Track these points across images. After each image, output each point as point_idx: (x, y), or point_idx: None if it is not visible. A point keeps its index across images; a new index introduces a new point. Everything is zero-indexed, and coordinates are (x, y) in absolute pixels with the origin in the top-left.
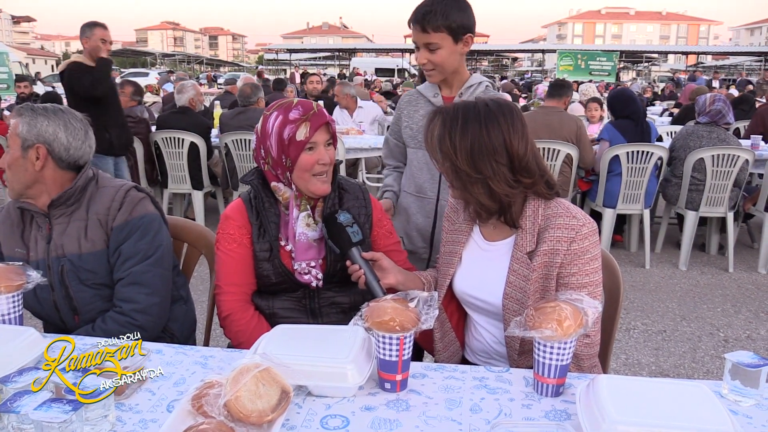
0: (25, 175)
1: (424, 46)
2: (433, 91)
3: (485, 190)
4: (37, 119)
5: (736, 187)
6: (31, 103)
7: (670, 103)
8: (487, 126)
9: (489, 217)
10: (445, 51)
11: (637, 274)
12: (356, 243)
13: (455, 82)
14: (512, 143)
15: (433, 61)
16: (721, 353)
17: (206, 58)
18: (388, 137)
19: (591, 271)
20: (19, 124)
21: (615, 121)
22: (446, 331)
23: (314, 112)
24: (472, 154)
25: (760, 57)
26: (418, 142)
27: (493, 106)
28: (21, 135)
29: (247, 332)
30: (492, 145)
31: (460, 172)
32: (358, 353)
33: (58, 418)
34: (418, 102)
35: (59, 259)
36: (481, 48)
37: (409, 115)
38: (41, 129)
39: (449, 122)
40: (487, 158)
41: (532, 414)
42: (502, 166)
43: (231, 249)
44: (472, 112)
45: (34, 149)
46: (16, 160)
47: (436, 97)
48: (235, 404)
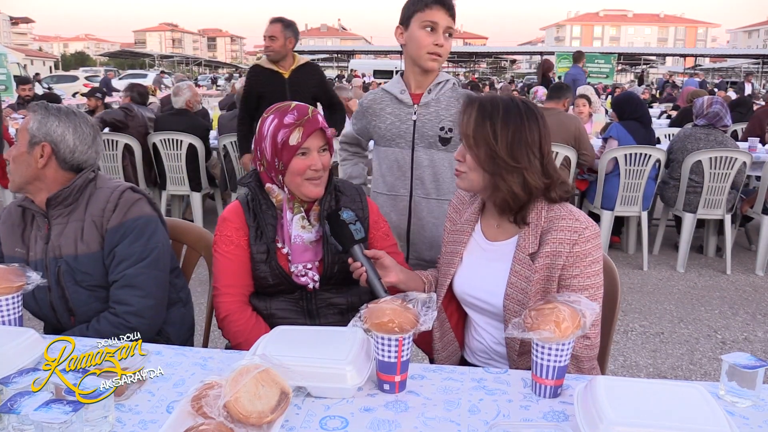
0: (27, 170)
1: (445, 30)
2: (399, 87)
3: (520, 180)
4: (49, 118)
5: (734, 190)
6: (46, 102)
7: (668, 106)
8: (529, 120)
9: (511, 209)
10: (451, 41)
11: (635, 276)
12: (359, 240)
13: (425, 78)
14: (545, 142)
15: (446, 48)
16: (719, 355)
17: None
18: (352, 132)
19: (593, 274)
20: (31, 120)
21: (623, 122)
22: (445, 331)
23: (308, 118)
24: (512, 143)
25: (757, 59)
26: (388, 140)
27: (531, 105)
28: (30, 131)
29: (246, 332)
30: (532, 138)
31: (497, 158)
32: (357, 354)
33: (58, 418)
34: (383, 100)
35: (56, 259)
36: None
37: (376, 114)
38: (50, 128)
39: (490, 110)
40: (526, 150)
41: (530, 415)
42: (536, 160)
43: (228, 251)
44: (512, 104)
45: (39, 147)
46: (22, 155)
47: (404, 93)
48: (234, 405)
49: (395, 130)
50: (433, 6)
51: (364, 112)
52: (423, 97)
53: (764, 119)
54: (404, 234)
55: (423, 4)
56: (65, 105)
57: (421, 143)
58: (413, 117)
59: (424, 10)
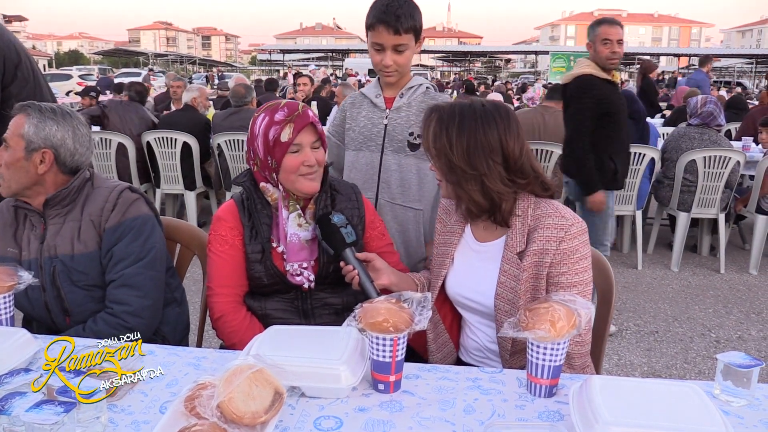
0: (26, 177)
1: (392, 48)
2: (375, 91)
3: (479, 187)
4: (46, 122)
5: (728, 189)
6: (37, 102)
7: (662, 105)
8: (484, 125)
9: (479, 215)
10: (410, 52)
11: (630, 275)
12: (350, 244)
13: (400, 83)
14: (508, 143)
15: (398, 63)
16: (713, 354)
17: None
18: (330, 136)
19: (580, 270)
20: (25, 124)
21: None
22: (440, 333)
23: (298, 113)
24: (468, 150)
25: (751, 59)
26: (359, 144)
27: (489, 107)
28: (27, 136)
29: (240, 332)
30: (488, 143)
31: (455, 167)
32: (352, 354)
33: (49, 419)
34: (361, 104)
35: (51, 259)
36: (474, 49)
37: (352, 117)
38: (50, 133)
39: (446, 119)
40: (483, 156)
41: (525, 415)
42: (497, 165)
43: (223, 251)
44: (468, 110)
45: (39, 153)
46: (18, 161)
47: (378, 97)
48: (228, 405)
49: (367, 133)
50: (378, 27)
51: (344, 115)
52: (395, 102)
53: (758, 119)
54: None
55: (370, 24)
56: (57, 105)
57: (390, 147)
58: (384, 121)
59: (371, 29)
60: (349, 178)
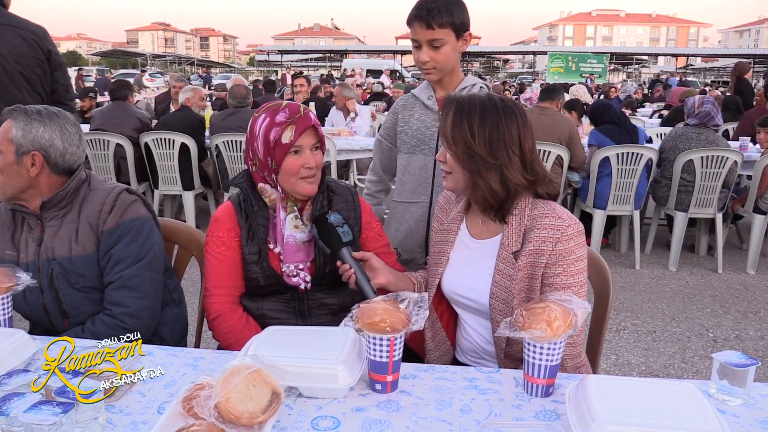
0: (19, 181)
1: (427, 44)
2: (427, 93)
3: (498, 176)
4: (32, 124)
5: (725, 189)
6: (23, 105)
7: (660, 105)
8: (506, 116)
9: (493, 206)
10: (449, 48)
11: (627, 275)
12: (347, 243)
13: (451, 83)
14: (525, 138)
15: (435, 59)
16: (710, 353)
17: (197, 59)
18: (381, 139)
19: (576, 272)
20: (13, 128)
21: (599, 127)
22: (437, 331)
23: (300, 116)
24: (491, 139)
25: (748, 59)
26: (412, 147)
27: (508, 101)
28: (15, 140)
29: (236, 333)
30: (510, 134)
31: (475, 156)
32: (349, 354)
33: (47, 420)
34: (414, 106)
35: (49, 261)
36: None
37: (404, 120)
38: (37, 135)
39: (467, 108)
40: (504, 146)
41: (522, 414)
42: (515, 157)
43: (220, 252)
44: (489, 102)
45: (29, 156)
46: (10, 166)
47: (430, 99)
48: (225, 406)
49: (420, 136)
50: (413, 23)
51: (396, 117)
52: None
53: (755, 118)
54: (423, 240)
55: (408, 21)
56: (44, 106)
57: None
58: (438, 123)
59: (409, 26)
60: (402, 182)
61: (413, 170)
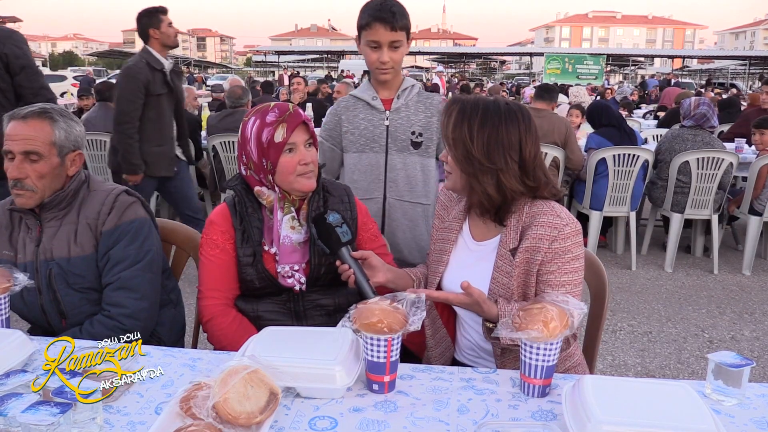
0: (59, 182)
1: (388, 45)
2: (371, 94)
3: (494, 181)
4: (70, 124)
5: (721, 190)
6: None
7: (654, 106)
8: (507, 121)
9: (488, 210)
10: (404, 49)
11: (624, 276)
12: (346, 243)
13: (393, 83)
14: (526, 144)
15: (395, 60)
16: (706, 354)
17: (194, 59)
18: (323, 141)
19: (570, 270)
20: (54, 130)
21: (598, 130)
22: (438, 328)
23: (290, 113)
24: (488, 143)
25: (744, 61)
26: (361, 146)
27: (513, 106)
28: (59, 142)
29: (229, 335)
30: (509, 139)
31: (473, 159)
32: (347, 355)
33: (45, 420)
34: (356, 107)
35: (47, 262)
36: (469, 51)
37: (349, 121)
38: (76, 134)
39: (469, 110)
40: (503, 151)
41: (519, 414)
42: (513, 163)
43: (214, 254)
44: (492, 105)
45: (72, 155)
46: (55, 169)
47: (375, 99)
48: (223, 406)
49: (369, 135)
50: (374, 24)
51: (338, 119)
52: (393, 103)
53: (751, 120)
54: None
55: (365, 23)
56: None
57: (394, 147)
58: (386, 122)
59: (366, 28)
60: (352, 180)
61: (363, 168)
